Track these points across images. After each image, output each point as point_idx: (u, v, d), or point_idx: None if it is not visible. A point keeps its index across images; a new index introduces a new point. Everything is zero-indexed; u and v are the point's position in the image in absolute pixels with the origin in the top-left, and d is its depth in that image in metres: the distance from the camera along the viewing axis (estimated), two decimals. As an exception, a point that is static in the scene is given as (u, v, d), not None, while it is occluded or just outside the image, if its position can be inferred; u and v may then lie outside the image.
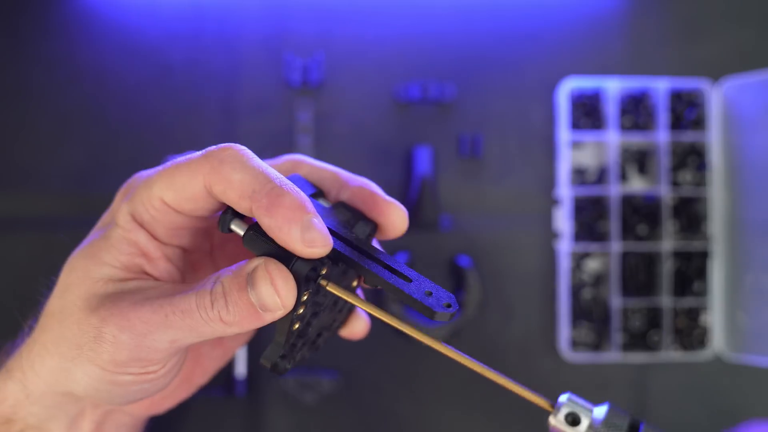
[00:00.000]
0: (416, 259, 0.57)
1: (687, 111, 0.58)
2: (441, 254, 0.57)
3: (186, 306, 0.26)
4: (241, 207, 0.26)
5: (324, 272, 0.26)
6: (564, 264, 0.56)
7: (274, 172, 0.26)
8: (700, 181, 0.58)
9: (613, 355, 0.56)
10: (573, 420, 0.24)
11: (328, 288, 0.27)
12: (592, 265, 0.58)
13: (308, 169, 0.31)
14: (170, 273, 0.29)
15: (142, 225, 0.28)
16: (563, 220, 0.56)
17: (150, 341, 0.26)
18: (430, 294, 0.26)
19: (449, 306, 0.26)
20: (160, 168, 0.27)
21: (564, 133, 0.56)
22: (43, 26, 0.56)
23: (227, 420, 0.55)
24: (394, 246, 0.57)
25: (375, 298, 0.55)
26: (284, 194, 0.25)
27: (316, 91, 0.57)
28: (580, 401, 0.25)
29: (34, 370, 0.28)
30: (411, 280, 0.27)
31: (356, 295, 0.27)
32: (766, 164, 0.54)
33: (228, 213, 0.27)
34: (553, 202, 0.58)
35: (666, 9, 0.59)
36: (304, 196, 0.25)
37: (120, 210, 0.28)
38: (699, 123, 0.58)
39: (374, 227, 0.30)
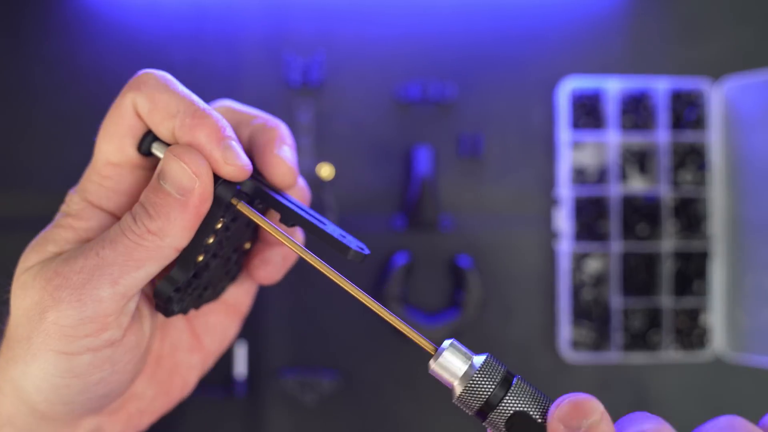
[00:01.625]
0: (416, 259, 0.57)
1: (687, 111, 0.58)
2: (441, 254, 0.57)
3: (113, 235, 0.24)
4: (164, 127, 0.25)
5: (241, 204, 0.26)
6: (564, 264, 0.56)
7: (196, 98, 0.26)
8: (700, 181, 0.58)
9: (613, 356, 0.56)
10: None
11: (241, 209, 0.26)
12: (593, 265, 0.58)
13: (231, 112, 0.31)
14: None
15: (100, 206, 0.27)
16: (563, 220, 0.56)
17: (90, 290, 0.24)
18: (344, 237, 0.27)
19: (362, 249, 0.26)
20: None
21: (564, 133, 0.56)
22: (44, 26, 0.56)
23: (227, 420, 0.55)
24: (392, 247, 0.57)
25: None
26: (207, 116, 0.25)
27: (316, 91, 0.57)
28: (463, 348, 0.25)
29: (0, 390, 0.26)
30: (325, 224, 0.27)
31: (266, 219, 0.26)
32: (766, 164, 0.54)
33: (149, 134, 0.26)
34: (553, 202, 0.58)
35: (666, 9, 0.59)
36: (224, 121, 0.26)
37: (71, 199, 0.27)
38: (699, 123, 0.58)
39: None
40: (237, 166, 0.25)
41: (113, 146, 0.27)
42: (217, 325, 0.33)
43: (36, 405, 0.26)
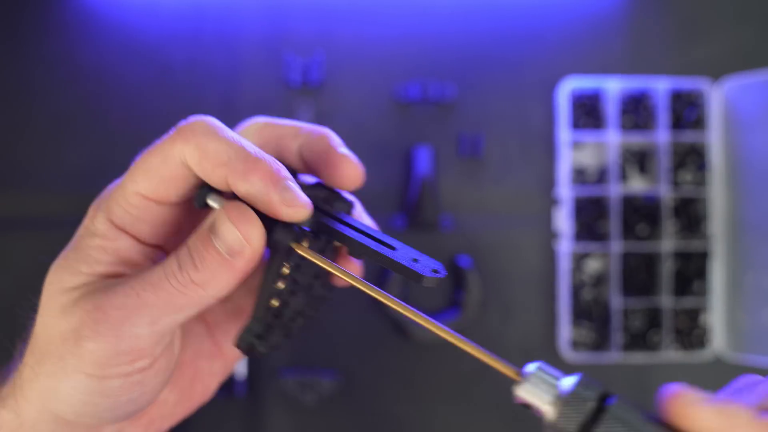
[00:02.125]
0: (416, 259, 0.57)
1: (687, 111, 0.58)
2: (441, 254, 0.57)
3: (155, 278, 0.25)
4: (216, 176, 0.25)
5: (304, 243, 0.26)
6: (564, 264, 0.56)
7: (247, 141, 0.25)
8: (700, 181, 0.58)
9: (613, 355, 0.56)
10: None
11: (302, 252, 0.25)
12: (593, 265, 0.58)
13: (270, 128, 0.30)
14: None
15: (123, 229, 0.27)
16: (563, 220, 0.56)
17: (129, 328, 0.24)
18: (416, 261, 0.25)
19: (436, 272, 0.25)
20: (130, 167, 0.27)
21: (564, 133, 0.56)
22: (44, 26, 0.56)
23: (227, 420, 0.55)
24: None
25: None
26: (259, 160, 0.24)
27: (316, 91, 0.57)
28: (550, 370, 0.23)
29: (24, 397, 0.26)
30: (395, 249, 0.26)
31: (332, 263, 0.26)
32: (766, 164, 0.54)
33: (204, 187, 0.26)
34: (553, 202, 0.58)
35: (666, 9, 0.59)
36: (278, 163, 0.25)
37: (96, 217, 0.27)
38: (699, 123, 0.58)
39: (351, 205, 0.29)
40: (298, 206, 0.25)
41: (151, 185, 0.26)
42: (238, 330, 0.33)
43: (63, 415, 0.26)
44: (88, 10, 0.57)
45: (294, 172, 0.29)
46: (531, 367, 0.24)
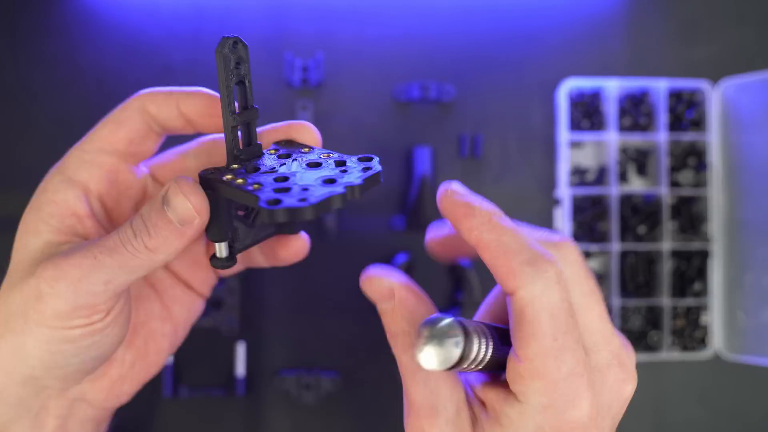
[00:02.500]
0: (416, 259, 0.57)
1: (686, 111, 0.58)
2: (441, 254, 0.57)
3: (112, 243, 0.27)
4: (166, 104, 0.32)
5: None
6: (564, 264, 0.56)
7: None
8: (700, 182, 0.58)
9: (612, 355, 0.56)
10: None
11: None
12: (592, 265, 0.59)
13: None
14: (99, 232, 0.31)
15: (74, 180, 0.31)
16: (563, 220, 0.56)
17: (86, 285, 0.27)
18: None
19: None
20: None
21: (564, 133, 0.56)
22: (44, 26, 0.56)
23: (227, 420, 0.55)
24: (392, 247, 0.57)
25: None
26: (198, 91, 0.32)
27: (316, 91, 0.57)
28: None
29: None
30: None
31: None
32: (766, 164, 0.54)
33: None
34: (553, 202, 0.58)
35: (666, 10, 0.59)
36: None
37: (51, 175, 0.31)
38: (698, 123, 0.58)
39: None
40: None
41: (109, 132, 0.32)
42: (183, 297, 0.36)
43: (32, 372, 0.29)
44: (89, 10, 0.57)
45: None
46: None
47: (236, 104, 0.29)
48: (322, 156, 0.29)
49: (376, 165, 0.29)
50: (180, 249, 0.28)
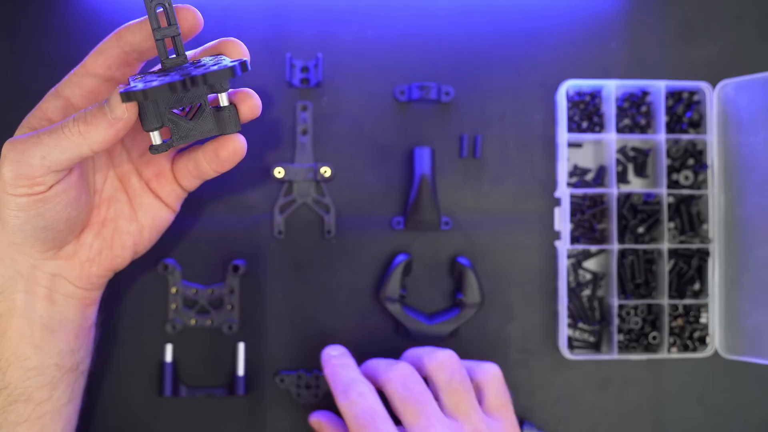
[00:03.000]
0: (416, 259, 0.57)
1: (686, 112, 0.58)
2: (441, 254, 0.57)
3: (54, 127, 0.35)
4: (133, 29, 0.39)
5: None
6: (564, 264, 0.56)
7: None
8: (699, 182, 0.58)
9: (612, 355, 0.56)
10: None
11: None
12: (592, 265, 0.59)
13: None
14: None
15: (61, 95, 0.39)
16: (563, 220, 0.57)
17: (26, 157, 0.35)
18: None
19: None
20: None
21: (563, 134, 0.56)
22: (45, 27, 0.56)
23: (227, 419, 0.55)
24: (392, 247, 0.57)
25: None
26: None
27: (316, 91, 0.57)
28: None
29: None
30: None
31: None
32: (765, 164, 0.54)
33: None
34: (554, 202, 0.58)
35: (665, 11, 0.59)
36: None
37: (48, 95, 0.40)
38: (698, 124, 0.58)
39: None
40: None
41: (91, 59, 0.39)
42: (151, 204, 0.44)
43: (10, 236, 0.39)
44: (89, 10, 0.57)
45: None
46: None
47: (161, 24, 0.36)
48: (215, 60, 0.36)
49: (222, 62, 0.35)
50: (107, 141, 0.35)
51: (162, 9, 0.36)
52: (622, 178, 0.59)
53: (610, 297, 0.57)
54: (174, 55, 0.37)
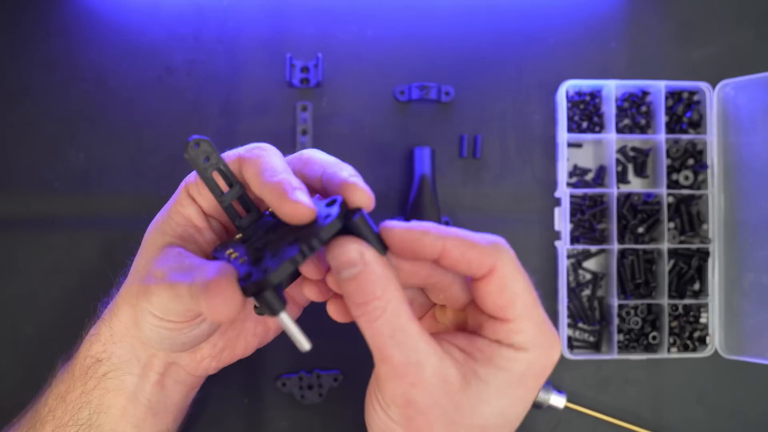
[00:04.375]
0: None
1: (686, 112, 0.58)
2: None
3: (187, 293, 0.33)
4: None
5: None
6: (563, 264, 0.56)
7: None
8: (699, 182, 0.58)
9: (612, 355, 0.56)
10: None
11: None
12: (592, 265, 0.59)
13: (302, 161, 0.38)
14: (213, 241, 0.38)
15: (194, 200, 0.37)
16: (563, 220, 0.57)
17: (172, 308, 0.34)
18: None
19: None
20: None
21: (563, 134, 0.56)
22: (44, 27, 0.56)
23: (227, 419, 0.55)
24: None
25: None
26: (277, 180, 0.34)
27: (316, 92, 0.57)
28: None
29: (117, 316, 0.37)
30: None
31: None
32: (764, 165, 0.54)
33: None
34: (554, 202, 0.58)
35: (664, 11, 0.59)
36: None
37: (179, 190, 0.38)
38: (698, 124, 0.58)
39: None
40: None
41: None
42: None
43: (143, 338, 0.38)
44: (89, 11, 0.57)
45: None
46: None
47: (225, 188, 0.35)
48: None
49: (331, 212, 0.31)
50: (232, 317, 0.31)
51: (219, 171, 0.34)
52: (622, 178, 0.59)
53: (610, 297, 0.57)
54: (247, 213, 0.35)
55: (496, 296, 0.31)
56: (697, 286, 0.58)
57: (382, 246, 0.31)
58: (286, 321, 0.31)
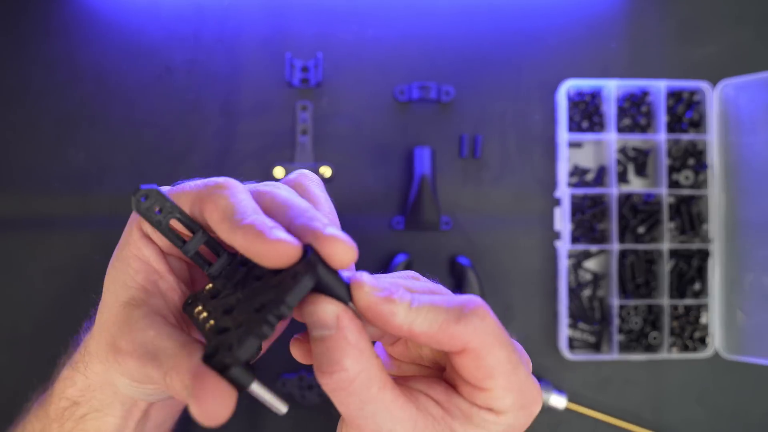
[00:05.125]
0: (416, 259, 0.57)
1: (686, 112, 0.58)
2: (441, 254, 0.57)
3: (158, 376, 0.31)
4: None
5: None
6: (564, 264, 0.56)
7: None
8: (700, 182, 0.58)
9: (612, 355, 0.56)
10: None
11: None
12: (592, 265, 0.59)
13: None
14: (177, 286, 0.34)
15: (149, 239, 0.33)
16: (563, 220, 0.56)
17: (145, 377, 0.31)
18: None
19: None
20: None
21: (563, 134, 0.56)
22: (44, 27, 0.56)
23: (229, 421, 0.55)
24: (392, 247, 0.57)
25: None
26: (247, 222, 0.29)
27: (316, 91, 0.57)
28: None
29: (89, 368, 0.35)
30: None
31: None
32: (764, 165, 0.54)
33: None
34: (554, 202, 0.58)
35: (665, 11, 0.59)
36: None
37: (131, 226, 0.33)
38: (698, 124, 0.58)
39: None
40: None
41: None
42: None
43: (122, 390, 0.35)
44: (89, 10, 0.57)
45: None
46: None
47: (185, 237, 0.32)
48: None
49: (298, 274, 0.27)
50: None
51: (176, 220, 0.31)
52: (622, 178, 0.59)
53: (610, 297, 0.57)
54: (217, 257, 0.32)
55: (472, 370, 0.28)
56: (697, 287, 0.58)
57: (349, 296, 0.28)
58: (258, 391, 0.29)
